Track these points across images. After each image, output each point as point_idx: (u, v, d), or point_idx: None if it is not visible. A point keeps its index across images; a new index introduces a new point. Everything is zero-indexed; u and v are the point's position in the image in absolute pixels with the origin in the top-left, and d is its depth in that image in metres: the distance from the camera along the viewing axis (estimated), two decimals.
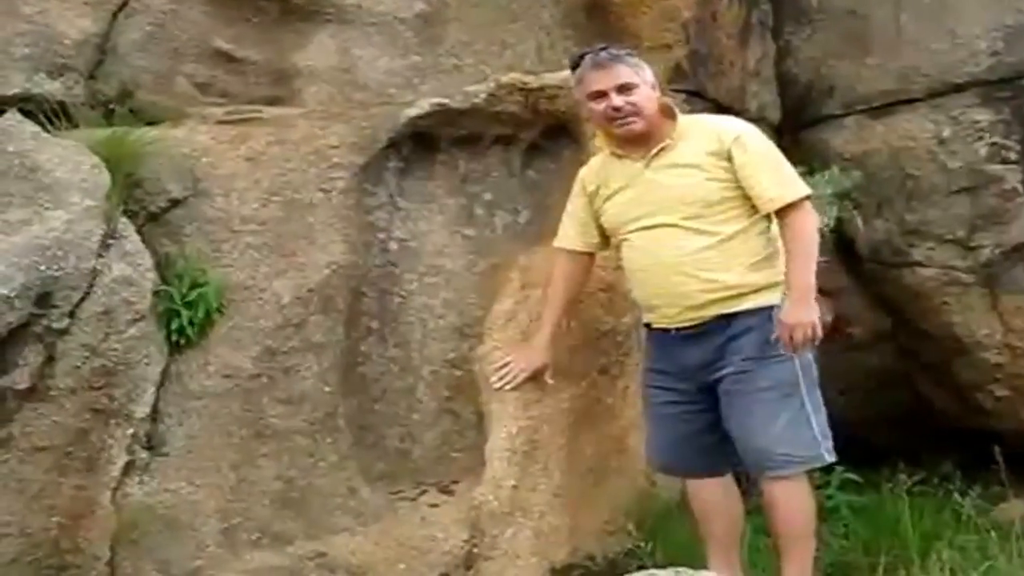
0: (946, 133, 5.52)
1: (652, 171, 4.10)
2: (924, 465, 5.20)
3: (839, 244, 5.58)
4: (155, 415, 4.16)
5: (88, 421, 4.00)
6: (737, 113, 5.50)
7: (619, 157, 4.19)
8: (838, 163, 5.62)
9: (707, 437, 4.19)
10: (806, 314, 3.93)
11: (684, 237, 4.02)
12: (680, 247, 4.02)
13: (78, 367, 3.97)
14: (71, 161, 4.12)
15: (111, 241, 4.10)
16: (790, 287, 3.97)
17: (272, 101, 4.67)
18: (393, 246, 4.69)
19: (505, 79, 4.74)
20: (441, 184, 4.79)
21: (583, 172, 4.37)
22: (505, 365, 4.43)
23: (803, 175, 5.26)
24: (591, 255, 4.44)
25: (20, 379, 3.89)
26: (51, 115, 4.29)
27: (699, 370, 4.11)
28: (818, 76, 5.91)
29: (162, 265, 4.22)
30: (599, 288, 4.69)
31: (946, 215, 5.50)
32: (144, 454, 4.13)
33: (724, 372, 4.05)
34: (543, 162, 4.91)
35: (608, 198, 4.22)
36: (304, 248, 4.40)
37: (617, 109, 4.05)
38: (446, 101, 4.67)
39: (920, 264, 5.55)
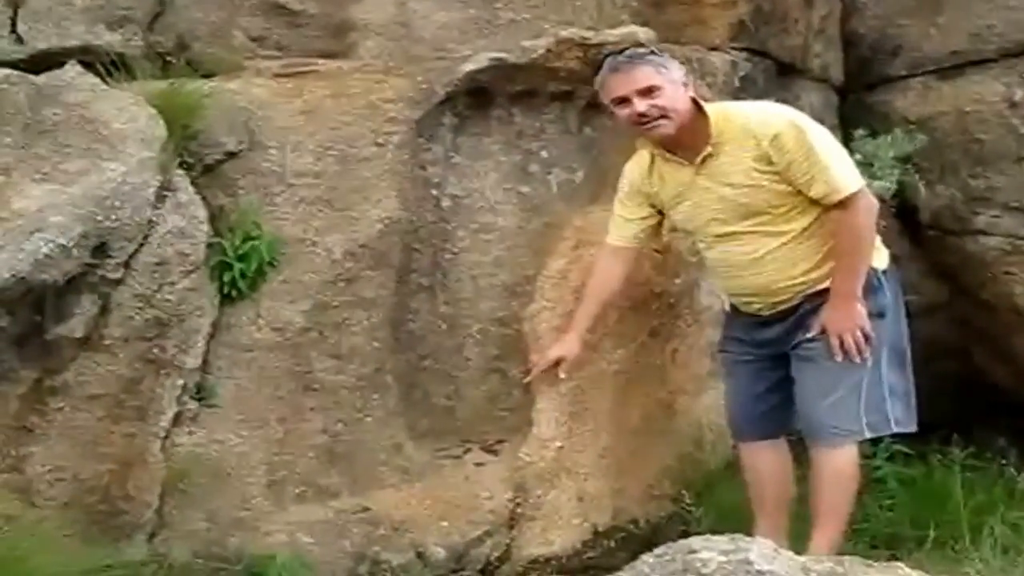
0: (1018, 96, 5.36)
1: (704, 179, 3.98)
2: (977, 438, 5.10)
3: (900, 210, 5.48)
4: (205, 367, 4.16)
5: (140, 371, 4.01)
6: (799, 72, 5.52)
7: (665, 159, 4.08)
8: (902, 126, 5.48)
9: (771, 397, 4.17)
10: (849, 319, 3.90)
11: (757, 241, 3.96)
12: (756, 251, 3.97)
13: (131, 317, 3.99)
14: (128, 113, 4.11)
15: (166, 193, 4.10)
16: (833, 291, 3.93)
17: (328, 55, 4.63)
18: (446, 202, 4.67)
19: (564, 34, 4.68)
20: (496, 140, 4.76)
21: (630, 170, 4.24)
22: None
23: (865, 138, 5.36)
24: (637, 250, 4.37)
25: (75, 328, 3.93)
26: (109, 67, 4.29)
27: (776, 342, 4.11)
28: (884, 36, 5.76)
29: (216, 218, 4.21)
30: (652, 249, 4.66)
31: (1013, 182, 5.34)
32: (193, 405, 4.14)
33: (797, 341, 4.04)
34: (601, 120, 4.85)
35: (672, 205, 4.13)
36: (357, 202, 4.38)
37: (642, 115, 3.91)
38: (504, 56, 4.60)
39: (983, 232, 5.42)
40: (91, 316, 3.95)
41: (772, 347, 4.13)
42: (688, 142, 3.96)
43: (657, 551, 2.47)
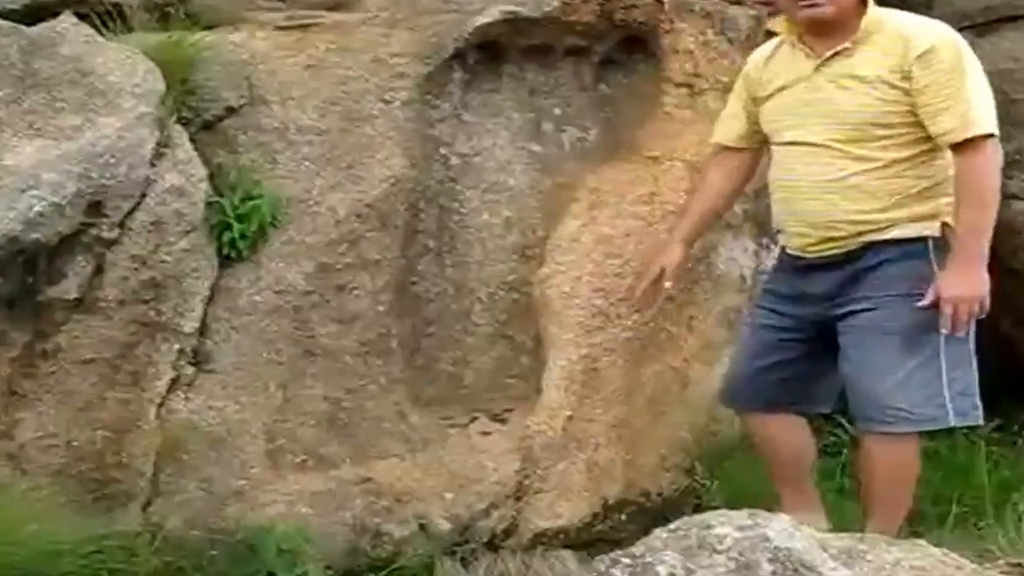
0: None
1: (824, 77, 3.68)
2: (1003, 411, 4.90)
3: None
4: (203, 330, 4.13)
5: (135, 334, 3.99)
6: None
7: (793, 47, 3.79)
8: None
9: (796, 368, 3.89)
10: (970, 287, 3.53)
11: (834, 160, 3.65)
12: (826, 171, 3.66)
13: (127, 279, 3.96)
14: (125, 66, 4.05)
15: (164, 150, 4.06)
16: (953, 250, 3.55)
17: (333, 7, 4.56)
18: (455, 161, 4.63)
19: None
20: (508, 97, 4.71)
21: (749, 60, 4.03)
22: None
23: None
24: (753, 155, 4.07)
25: (69, 290, 3.90)
26: (105, 18, 4.23)
27: (822, 301, 3.77)
28: None
29: (215, 176, 4.17)
30: (669, 210, 4.61)
31: None
32: (190, 370, 4.12)
33: (851, 307, 3.70)
34: (616, 77, 4.82)
35: (769, 96, 3.86)
36: (362, 161, 4.34)
37: None
38: (517, 9, 4.54)
39: (1015, 197, 5.20)
40: (85, 277, 3.92)
41: (815, 308, 3.79)
42: (831, 32, 3.67)
43: (671, 526, 2.41)
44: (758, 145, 4.03)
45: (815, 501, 4.04)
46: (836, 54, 3.67)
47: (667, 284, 4.06)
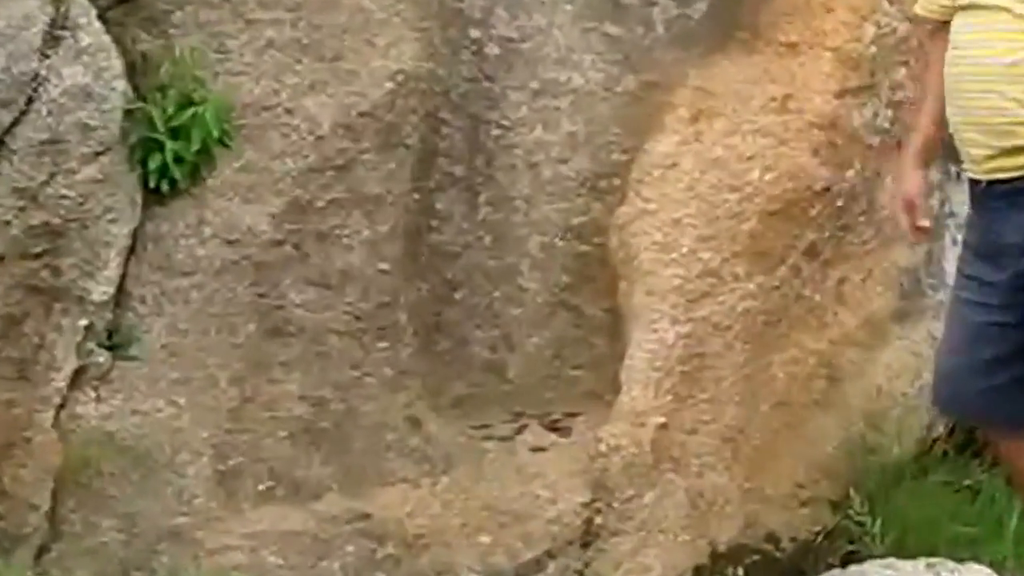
0: None
1: None
2: None
3: None
4: (121, 299, 4.02)
5: (20, 305, 3.86)
6: None
7: None
8: None
9: (1013, 368, 3.78)
10: None
11: (1012, 34, 3.61)
12: (1011, 47, 3.59)
13: (7, 224, 3.81)
14: None
15: (61, 32, 3.90)
16: None
17: None
18: (492, 50, 4.51)
19: None
20: None
21: None
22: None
23: None
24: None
25: None
26: None
27: (1021, 255, 3.71)
28: None
29: (137, 71, 4.04)
30: (811, 121, 4.52)
31: None
32: (103, 357, 3.99)
33: None
34: None
35: None
36: (356, 50, 4.24)
37: None
38: None
39: None
40: None
41: (1014, 268, 3.70)
42: None
43: None
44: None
45: None
46: None
47: (924, 223, 3.98)
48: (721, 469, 4.37)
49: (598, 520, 4.22)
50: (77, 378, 3.95)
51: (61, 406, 3.92)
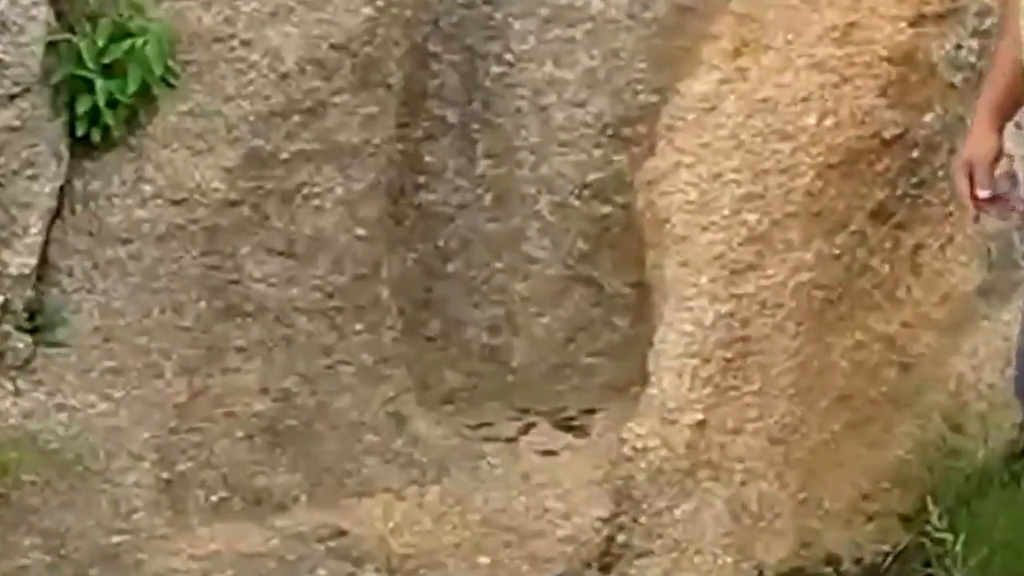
0: None
1: None
2: None
3: None
4: (44, 272, 3.95)
5: None
6: None
7: None
8: None
9: None
10: None
11: None
12: None
13: None
14: None
15: None
16: None
17: None
18: None
19: None
20: None
21: None
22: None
23: None
24: None
25: None
26: None
27: None
28: None
29: None
30: (879, 54, 4.36)
31: None
32: (23, 342, 3.90)
33: None
34: None
35: None
36: None
37: None
38: None
39: None
40: None
41: None
42: None
43: None
44: None
45: None
46: None
47: (982, 194, 3.80)
48: (770, 476, 4.27)
49: (621, 538, 4.15)
50: None
51: None
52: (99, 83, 3.89)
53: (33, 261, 3.87)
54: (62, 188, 3.94)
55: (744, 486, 4.23)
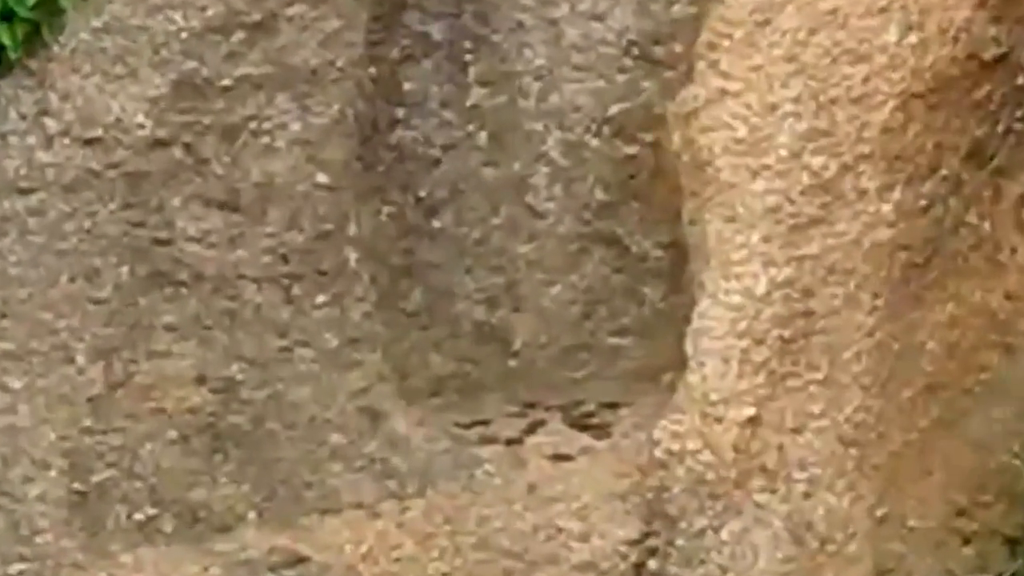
0: None
1: None
2: None
3: None
4: None
5: None
6: None
7: None
8: None
9: None
10: None
11: None
12: None
13: None
14: None
15: None
16: None
17: None
18: None
19: None
20: None
21: None
22: None
23: None
24: None
25: None
26: None
27: None
28: None
29: None
30: None
31: None
32: None
33: None
34: None
35: None
36: None
37: None
38: None
39: None
40: None
41: None
42: None
43: None
44: None
45: None
46: None
47: None
48: (840, 487, 4.18)
49: (652, 565, 4.10)
50: None
51: None
52: None
53: None
54: None
55: (807, 499, 4.15)
